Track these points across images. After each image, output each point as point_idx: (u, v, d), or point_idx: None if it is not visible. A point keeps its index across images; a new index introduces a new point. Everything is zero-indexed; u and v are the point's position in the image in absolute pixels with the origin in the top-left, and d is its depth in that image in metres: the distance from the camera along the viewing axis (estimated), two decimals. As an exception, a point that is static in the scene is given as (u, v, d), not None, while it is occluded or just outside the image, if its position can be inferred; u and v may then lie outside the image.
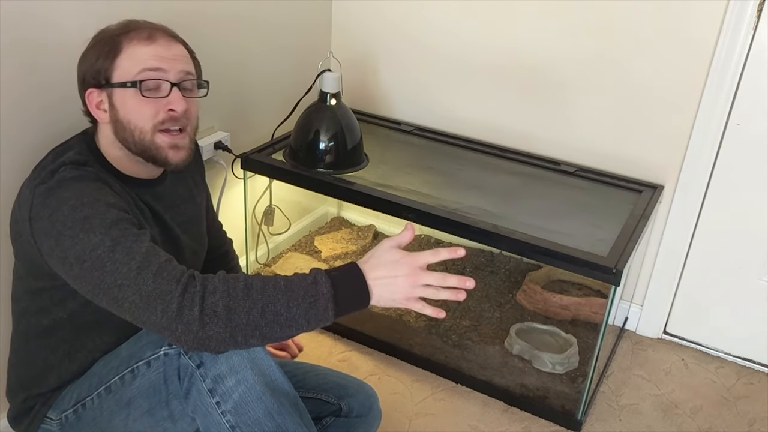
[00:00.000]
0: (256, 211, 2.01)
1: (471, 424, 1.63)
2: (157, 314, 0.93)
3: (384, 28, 2.09)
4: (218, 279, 0.95)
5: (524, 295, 1.99)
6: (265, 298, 0.94)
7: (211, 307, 0.92)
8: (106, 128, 1.12)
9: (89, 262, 0.96)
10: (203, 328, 0.92)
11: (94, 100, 1.10)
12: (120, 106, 1.08)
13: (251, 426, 1.01)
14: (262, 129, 1.92)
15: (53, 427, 1.14)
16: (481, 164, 1.92)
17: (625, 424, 1.66)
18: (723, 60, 1.66)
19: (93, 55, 1.09)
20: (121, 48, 1.08)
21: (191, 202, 1.30)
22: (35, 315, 1.12)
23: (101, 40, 1.10)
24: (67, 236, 0.97)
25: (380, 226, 2.32)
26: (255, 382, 1.01)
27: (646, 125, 1.82)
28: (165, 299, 0.92)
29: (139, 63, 1.07)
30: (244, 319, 0.93)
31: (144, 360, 1.06)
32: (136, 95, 1.07)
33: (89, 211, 0.98)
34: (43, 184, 1.02)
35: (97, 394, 1.10)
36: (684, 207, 1.83)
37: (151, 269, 0.94)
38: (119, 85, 1.08)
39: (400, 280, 0.98)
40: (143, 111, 1.08)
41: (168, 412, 1.08)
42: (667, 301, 1.97)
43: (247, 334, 0.94)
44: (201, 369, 1.01)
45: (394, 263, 0.98)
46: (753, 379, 1.86)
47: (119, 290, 0.94)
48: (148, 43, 1.08)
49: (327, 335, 1.90)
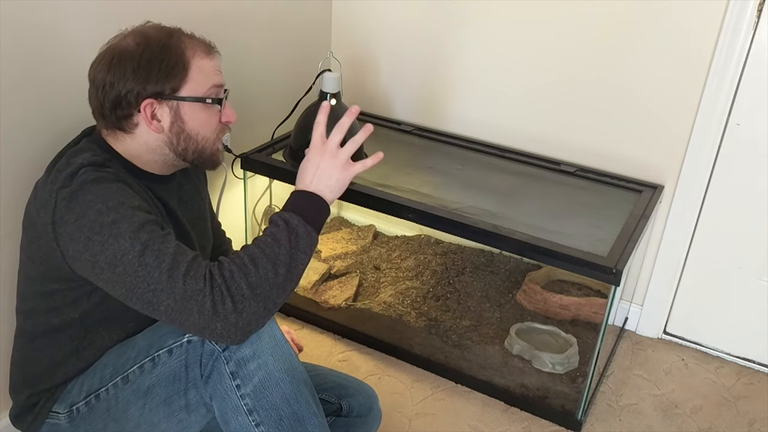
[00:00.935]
0: (256, 211, 2.01)
1: (471, 424, 1.63)
2: (194, 315, 0.96)
3: (384, 28, 2.09)
4: (227, 264, 1.00)
5: (524, 295, 1.99)
6: (269, 258, 1.00)
7: (237, 292, 0.97)
8: (147, 137, 1.12)
9: (121, 267, 0.98)
10: (241, 315, 0.97)
11: (149, 111, 1.09)
12: (190, 118, 1.12)
13: (268, 410, 1.04)
14: (262, 129, 1.92)
15: (61, 420, 1.14)
16: (481, 164, 1.92)
17: (625, 424, 1.66)
18: (723, 60, 1.66)
19: (150, 66, 1.07)
20: (189, 61, 1.10)
21: (198, 198, 1.32)
22: (45, 315, 1.12)
23: (158, 51, 1.08)
24: (96, 242, 0.99)
25: (380, 226, 2.32)
26: (275, 368, 1.04)
27: (646, 125, 1.82)
28: (198, 299, 0.96)
29: (209, 78, 1.13)
30: (266, 287, 0.99)
31: (165, 348, 1.07)
32: (207, 109, 1.13)
33: (116, 215, 1.00)
34: (66, 188, 1.02)
35: (113, 384, 1.11)
36: (684, 207, 1.83)
37: (181, 270, 0.97)
38: (193, 99, 1.11)
39: (329, 170, 1.11)
40: (212, 123, 1.15)
41: (185, 402, 1.09)
42: (667, 301, 1.97)
43: (274, 297, 1.00)
44: (226, 352, 1.04)
45: (315, 165, 1.11)
46: (753, 379, 1.86)
47: (153, 295, 0.97)
48: (210, 57, 1.14)
49: (327, 335, 1.90)
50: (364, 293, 2.02)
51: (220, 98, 1.15)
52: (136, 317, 1.14)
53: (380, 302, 1.95)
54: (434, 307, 1.94)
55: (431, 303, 1.96)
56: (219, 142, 1.19)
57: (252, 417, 1.04)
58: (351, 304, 1.94)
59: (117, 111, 1.09)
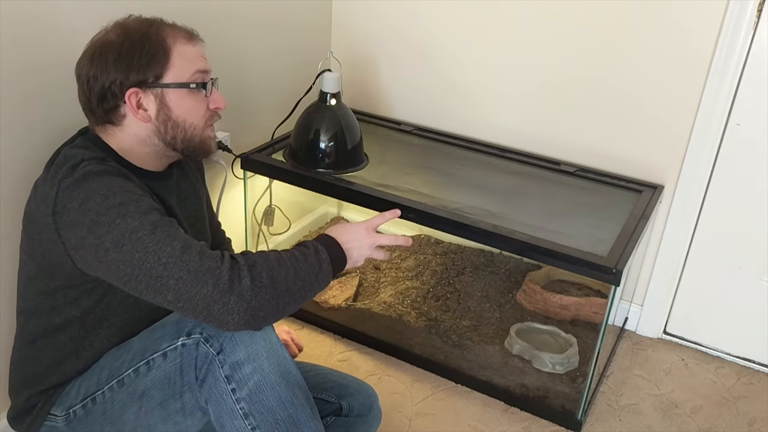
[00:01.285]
0: (256, 211, 2.01)
1: (471, 424, 1.63)
2: (208, 287, 0.96)
3: (384, 28, 2.09)
4: (252, 254, 1.02)
5: (524, 295, 1.99)
6: (294, 266, 1.03)
7: (257, 276, 0.98)
8: (136, 127, 1.12)
9: (129, 244, 0.97)
10: (256, 297, 0.98)
11: (134, 100, 1.09)
12: (175, 105, 1.11)
13: (264, 414, 1.04)
14: (262, 129, 1.92)
15: (58, 423, 1.14)
16: (481, 164, 1.92)
17: (625, 424, 1.66)
18: (723, 60, 1.66)
19: (131, 55, 1.07)
20: (170, 48, 1.10)
21: (195, 197, 1.31)
22: (46, 314, 1.12)
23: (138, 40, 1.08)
24: (102, 223, 0.98)
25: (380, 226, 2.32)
26: (270, 372, 1.04)
27: (646, 125, 1.82)
28: (215, 273, 0.96)
29: (192, 63, 1.12)
30: (284, 286, 1.01)
31: (160, 351, 1.07)
32: (192, 95, 1.12)
33: (122, 198, 1.00)
34: (68, 178, 1.03)
35: (109, 387, 1.10)
36: (684, 207, 1.83)
37: (195, 249, 0.98)
38: (176, 85, 1.10)
39: (364, 243, 1.17)
40: (199, 109, 1.14)
41: (180, 405, 1.08)
42: (667, 301, 1.97)
43: (288, 300, 1.02)
44: (220, 356, 1.03)
45: (357, 234, 1.18)
46: (753, 379, 1.86)
47: (164, 268, 0.97)
48: (192, 43, 1.13)
49: (327, 335, 1.90)
50: (364, 293, 2.02)
51: (205, 82, 1.14)
52: (136, 316, 1.14)
53: (380, 302, 1.95)
54: (434, 307, 1.94)
55: (431, 303, 1.96)
56: (209, 129, 1.18)
57: (248, 421, 1.04)
58: (351, 304, 1.95)
59: (103, 104, 1.09)
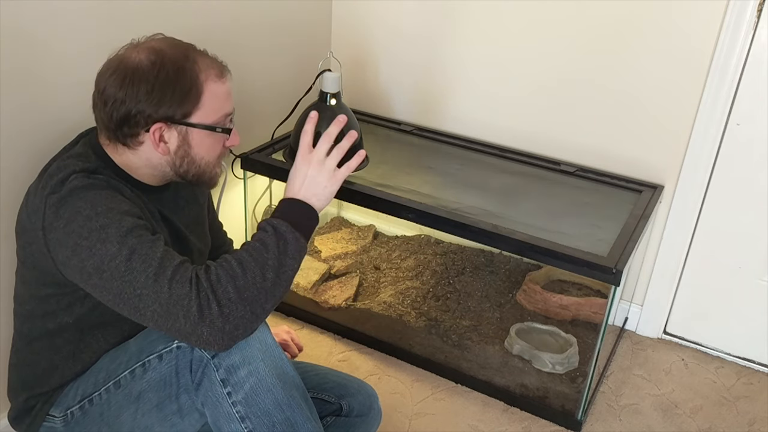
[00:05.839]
0: (256, 211, 2.01)
1: (471, 424, 1.63)
2: (180, 320, 0.95)
3: (384, 28, 2.09)
4: (214, 267, 0.98)
5: (524, 295, 1.99)
6: (257, 262, 1.00)
7: (224, 295, 0.95)
8: (149, 154, 1.10)
9: (108, 272, 0.97)
10: (227, 320, 0.95)
11: (158, 135, 1.08)
12: (196, 144, 1.11)
13: (261, 417, 1.03)
14: (262, 129, 1.91)
15: (57, 424, 1.14)
16: (481, 164, 1.92)
17: (625, 424, 1.66)
18: (723, 60, 1.66)
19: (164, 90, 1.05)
20: (203, 86, 1.08)
21: (194, 203, 1.31)
22: (41, 318, 1.12)
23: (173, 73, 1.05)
24: (84, 247, 0.98)
25: (380, 226, 2.32)
26: (266, 374, 1.03)
27: (646, 125, 1.82)
28: (184, 304, 0.94)
29: (221, 106, 1.12)
30: (254, 291, 0.98)
31: (156, 353, 1.07)
32: (214, 135, 1.12)
33: (104, 221, 0.99)
34: (55, 194, 1.02)
35: (105, 389, 1.10)
36: (684, 207, 1.83)
37: (167, 275, 0.96)
38: (203, 127, 1.10)
39: (317, 178, 1.12)
40: (216, 148, 1.15)
41: (177, 406, 1.08)
42: (667, 301, 1.97)
43: (262, 302, 0.99)
44: (215, 359, 1.03)
45: (303, 174, 1.12)
46: (753, 379, 1.86)
47: (139, 300, 0.96)
48: (222, 80, 1.12)
49: (327, 335, 1.90)
50: (364, 293, 2.02)
51: (230, 129, 1.14)
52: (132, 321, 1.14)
53: (380, 302, 1.95)
54: (434, 307, 1.94)
55: (431, 303, 1.96)
56: (219, 165, 1.19)
57: (245, 424, 1.04)
58: (351, 304, 1.94)
59: (124, 128, 1.07)
